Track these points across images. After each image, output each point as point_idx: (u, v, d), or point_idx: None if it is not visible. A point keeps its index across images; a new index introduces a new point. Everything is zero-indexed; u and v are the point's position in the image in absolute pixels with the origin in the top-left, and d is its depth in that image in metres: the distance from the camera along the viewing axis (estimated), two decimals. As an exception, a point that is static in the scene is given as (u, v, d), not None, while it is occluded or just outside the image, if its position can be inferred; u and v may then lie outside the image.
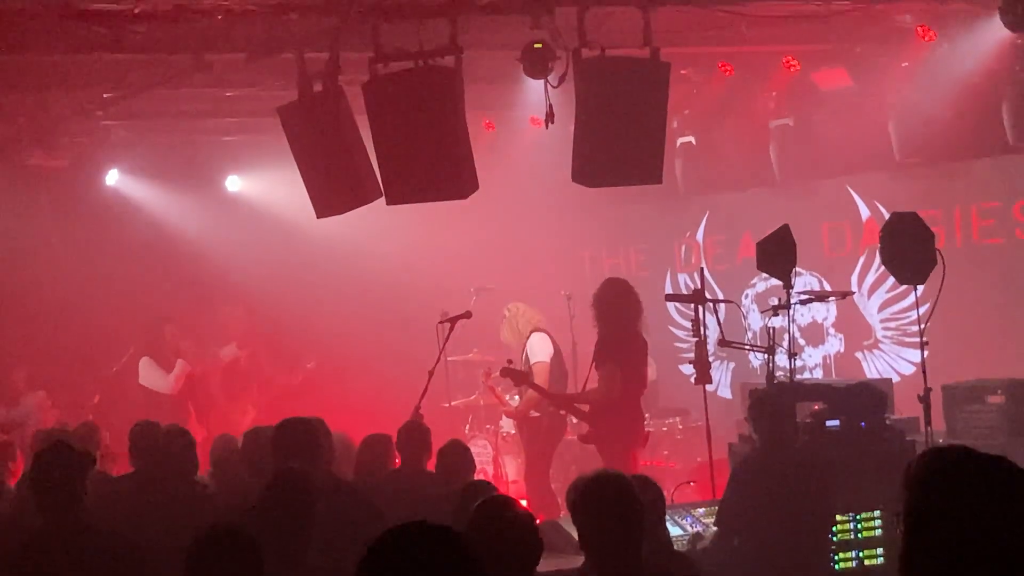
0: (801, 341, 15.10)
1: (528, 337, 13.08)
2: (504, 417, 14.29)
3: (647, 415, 12.39)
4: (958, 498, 2.86)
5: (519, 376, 12.00)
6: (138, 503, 8.67)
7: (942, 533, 2.85)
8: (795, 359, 10.20)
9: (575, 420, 14.38)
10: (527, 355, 13.03)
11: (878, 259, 10.97)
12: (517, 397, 13.66)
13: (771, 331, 10.32)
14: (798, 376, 10.50)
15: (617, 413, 11.50)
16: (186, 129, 16.05)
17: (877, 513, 9.01)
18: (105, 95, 13.37)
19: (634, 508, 5.42)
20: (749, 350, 13.01)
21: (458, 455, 9.15)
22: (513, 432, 14.02)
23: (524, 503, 11.34)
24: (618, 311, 11.68)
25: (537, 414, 13.04)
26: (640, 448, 11.99)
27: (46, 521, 6.70)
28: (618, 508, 5.41)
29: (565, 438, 14.40)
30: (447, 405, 14.36)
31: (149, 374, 15.49)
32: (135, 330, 16.00)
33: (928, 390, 9.66)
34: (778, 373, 10.27)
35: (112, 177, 16.33)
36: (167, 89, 12.73)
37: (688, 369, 11.72)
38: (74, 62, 12.02)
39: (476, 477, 13.73)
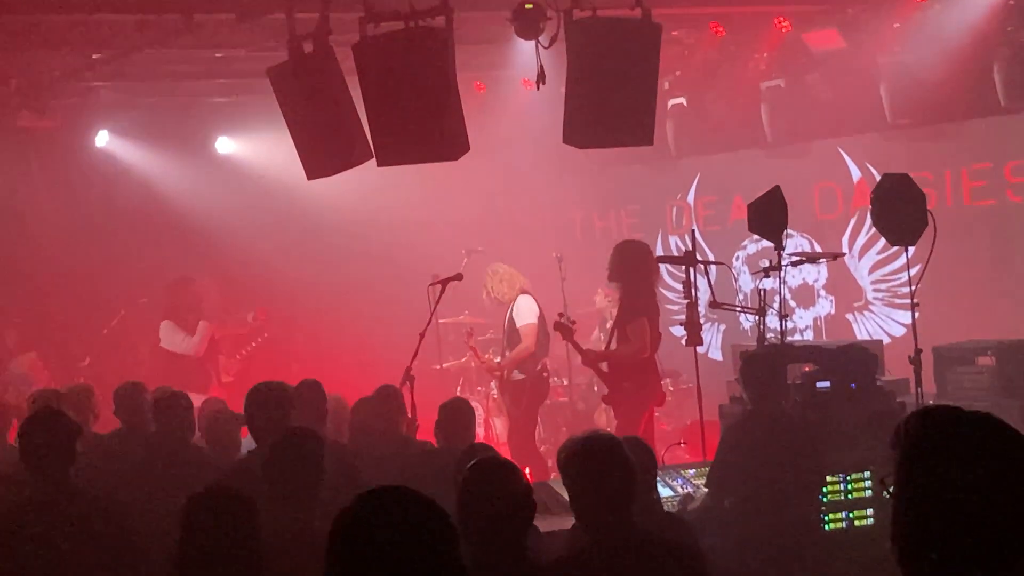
0: (792, 303, 15.13)
1: (515, 299, 13.11)
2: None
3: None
4: (949, 457, 2.87)
5: (566, 331, 11.98)
6: (130, 463, 8.71)
7: (934, 492, 2.86)
8: (786, 321, 10.21)
9: (565, 382, 14.45)
10: (513, 317, 13.06)
11: (869, 220, 10.98)
12: (499, 359, 13.65)
13: (762, 293, 10.32)
14: (789, 338, 10.52)
15: (639, 371, 11.53)
16: (176, 90, 16.00)
17: (867, 474, 9.03)
18: (94, 56, 13.32)
19: (624, 469, 5.42)
20: (740, 312, 13.04)
21: (460, 412, 9.15)
22: (504, 394, 14.05)
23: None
24: (643, 270, 11.71)
25: (521, 376, 13.06)
26: (659, 406, 12.05)
27: (36, 487, 6.71)
28: (608, 469, 5.41)
29: (557, 400, 14.47)
30: (438, 367, 14.39)
31: (172, 337, 15.21)
32: (141, 292, 16.01)
33: (918, 351, 9.69)
34: (769, 335, 10.28)
35: (102, 138, 16.28)
36: (157, 50, 12.68)
37: (679, 331, 11.73)
38: (63, 23, 11.96)
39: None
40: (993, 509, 2.83)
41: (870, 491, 9.02)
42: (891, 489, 2.97)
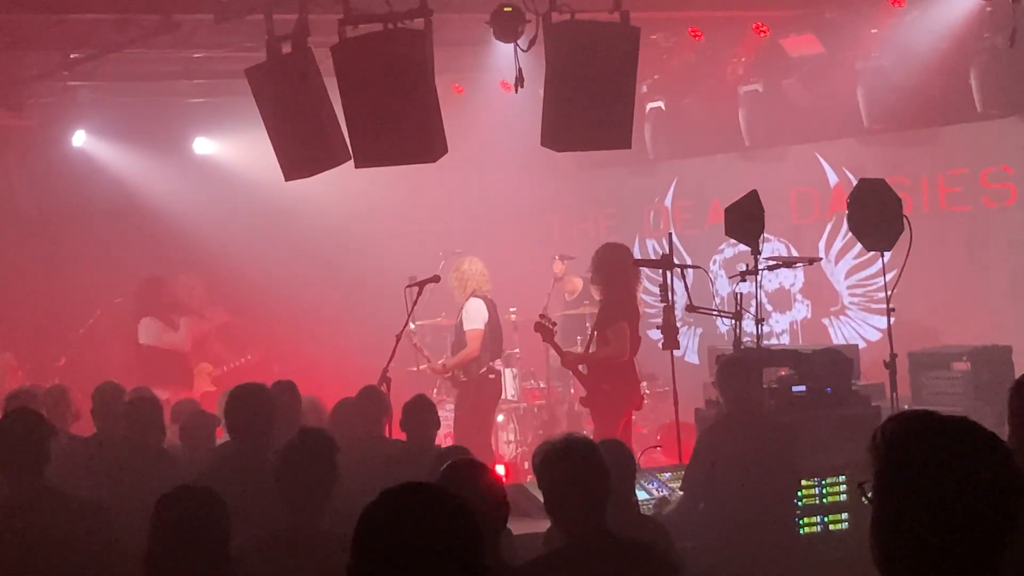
0: (768, 307, 15.16)
1: (466, 301, 13.09)
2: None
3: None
4: (927, 461, 2.87)
5: (546, 332, 11.96)
6: (104, 465, 8.66)
7: (913, 497, 2.86)
8: (762, 325, 10.23)
9: (542, 384, 14.43)
10: (462, 319, 13.05)
11: (846, 225, 11.02)
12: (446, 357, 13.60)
13: (739, 297, 10.34)
14: (765, 342, 10.55)
15: (618, 375, 11.51)
16: (154, 91, 15.95)
17: (842, 478, 9.03)
18: (72, 55, 13.28)
19: (598, 472, 5.42)
20: (717, 316, 13.02)
21: (423, 410, 9.12)
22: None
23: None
24: (623, 273, 11.70)
25: (465, 379, 13.06)
26: (636, 409, 12.03)
27: (11, 487, 6.68)
28: (583, 472, 5.41)
29: (532, 403, 14.45)
30: (415, 369, 14.36)
31: (158, 333, 15.09)
32: (117, 292, 15.96)
33: (894, 356, 9.72)
34: (745, 339, 10.30)
35: (79, 138, 16.22)
36: (135, 50, 12.65)
37: (656, 334, 11.73)
38: (41, 21, 11.93)
39: (444, 441, 13.78)
40: (972, 512, 2.83)
41: (845, 495, 9.02)
42: (869, 495, 2.98)
